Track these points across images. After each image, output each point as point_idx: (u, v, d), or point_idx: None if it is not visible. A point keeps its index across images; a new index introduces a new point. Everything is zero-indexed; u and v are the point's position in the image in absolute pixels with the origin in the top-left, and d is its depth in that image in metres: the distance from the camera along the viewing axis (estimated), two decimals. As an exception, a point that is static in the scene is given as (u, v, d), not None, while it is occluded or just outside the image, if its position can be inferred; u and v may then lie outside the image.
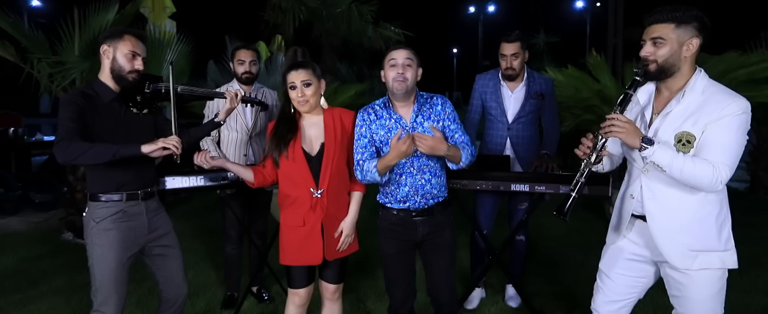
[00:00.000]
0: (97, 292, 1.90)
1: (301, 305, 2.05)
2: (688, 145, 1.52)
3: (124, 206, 1.91)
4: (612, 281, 1.76)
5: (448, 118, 2.00)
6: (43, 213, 5.21)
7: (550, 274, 3.44)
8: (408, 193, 1.97)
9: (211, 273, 3.53)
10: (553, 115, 2.89)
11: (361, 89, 8.20)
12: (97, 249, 1.88)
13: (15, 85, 4.30)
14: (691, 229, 1.58)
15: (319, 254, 1.97)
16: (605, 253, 1.82)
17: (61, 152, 1.75)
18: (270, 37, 8.95)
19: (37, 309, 2.97)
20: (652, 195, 1.62)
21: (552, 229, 4.43)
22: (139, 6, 4.63)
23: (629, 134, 1.51)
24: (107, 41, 1.91)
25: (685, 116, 1.54)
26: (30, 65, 4.02)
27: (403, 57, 1.91)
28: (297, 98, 1.94)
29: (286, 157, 1.94)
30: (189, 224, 4.93)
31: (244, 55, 2.87)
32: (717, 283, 1.61)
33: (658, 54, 1.54)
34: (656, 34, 1.54)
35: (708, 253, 1.57)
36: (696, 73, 1.58)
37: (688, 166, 1.48)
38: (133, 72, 1.91)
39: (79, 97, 1.85)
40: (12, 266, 3.75)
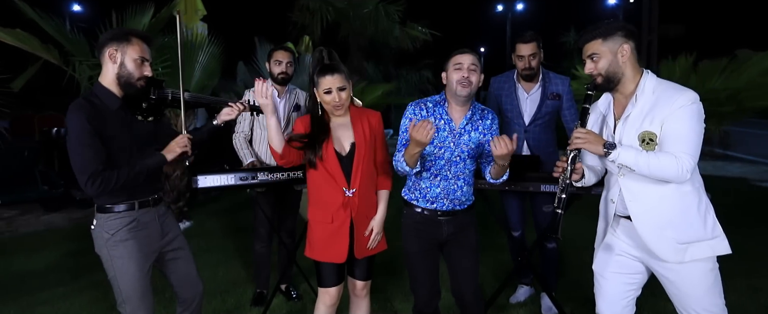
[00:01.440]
0: (124, 304, 1.85)
1: (331, 305, 2.06)
2: (652, 143, 1.61)
3: (137, 214, 1.85)
4: (607, 281, 1.81)
5: (492, 134, 2.02)
6: (83, 210, 5.43)
7: (581, 278, 3.36)
8: (438, 195, 1.99)
9: (241, 271, 3.61)
10: (574, 113, 2.81)
11: (388, 89, 8.21)
12: (117, 262, 1.81)
13: (58, 86, 4.51)
14: (676, 222, 1.63)
15: (344, 252, 1.99)
16: (596, 255, 1.87)
17: (96, 189, 1.67)
18: (298, 37, 9.07)
19: (80, 301, 3.10)
20: (633, 197, 1.68)
21: (583, 232, 4.31)
22: (172, 9, 4.78)
23: (591, 143, 1.63)
24: (113, 43, 1.77)
25: (643, 116, 1.64)
26: (72, 68, 4.20)
27: (470, 61, 1.95)
28: (333, 103, 1.95)
29: (320, 158, 1.96)
30: (219, 222, 5.05)
31: (281, 56, 2.92)
32: (710, 274, 1.65)
33: (599, 67, 1.67)
34: (590, 52, 1.68)
35: (697, 244, 1.62)
36: (644, 76, 1.68)
37: (653, 162, 1.56)
38: (142, 78, 1.81)
39: (89, 109, 1.70)
40: (55, 260, 3.93)
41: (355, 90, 7.80)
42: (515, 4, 25.66)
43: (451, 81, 1.96)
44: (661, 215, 1.64)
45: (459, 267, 2.06)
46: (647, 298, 1.87)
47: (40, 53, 4.18)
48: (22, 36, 4.00)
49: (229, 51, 5.33)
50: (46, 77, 5.20)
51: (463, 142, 1.98)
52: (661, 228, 1.64)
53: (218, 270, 3.62)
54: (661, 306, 2.58)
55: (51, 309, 3.01)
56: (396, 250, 2.17)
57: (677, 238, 1.62)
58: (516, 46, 2.73)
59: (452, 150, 1.98)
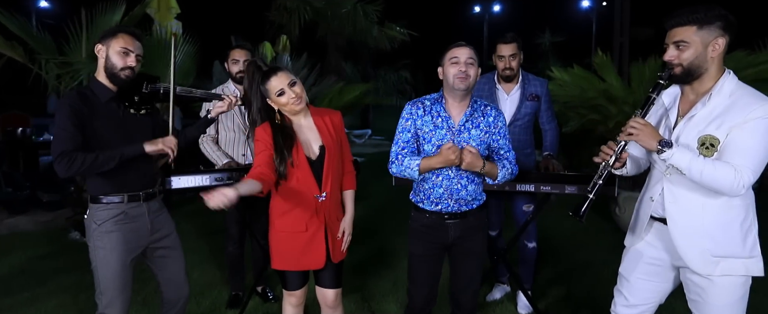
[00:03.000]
0: (102, 295, 1.89)
1: (298, 305, 2.05)
2: (712, 149, 1.49)
3: (126, 208, 1.89)
4: (632, 285, 1.74)
5: (498, 132, 1.96)
6: (50, 212, 5.24)
7: (557, 275, 3.43)
8: (442, 195, 1.94)
9: (216, 273, 3.55)
10: (551, 115, 2.89)
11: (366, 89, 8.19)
12: (99, 252, 1.86)
13: (23, 85, 4.35)
14: (714, 234, 1.54)
15: (322, 258, 1.95)
16: (625, 257, 1.79)
17: (64, 167, 1.72)
18: (275, 37, 8.97)
19: (46, 307, 2.99)
20: (674, 199, 1.59)
21: (558, 230, 4.41)
22: (145, 7, 4.66)
23: (646, 136, 1.50)
24: (102, 41, 1.90)
25: (710, 119, 1.51)
26: (38, 66, 4.05)
27: (467, 55, 1.88)
28: (290, 100, 1.87)
29: (291, 164, 1.89)
30: (194, 224, 4.95)
31: (238, 55, 2.87)
32: (739, 290, 1.56)
33: (683, 57, 1.51)
34: (679, 38, 1.51)
35: (731, 259, 1.53)
36: (724, 75, 1.54)
37: (708, 169, 1.45)
38: (126, 69, 1.88)
39: (75, 99, 1.81)
40: (20, 265, 3.78)
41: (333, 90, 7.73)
42: (492, 6, 25.99)
43: (447, 75, 1.89)
44: (701, 224, 1.55)
45: (461, 272, 2.05)
46: (670, 302, 1.84)
47: (4, 51, 4.02)
48: (-16, 33, 3.85)
49: (205, 50, 5.24)
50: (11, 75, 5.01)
51: (463, 140, 1.91)
52: (697, 236, 1.55)
53: (193, 273, 3.55)
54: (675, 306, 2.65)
55: (16, 315, 2.90)
56: (374, 251, 2.17)
57: (711, 250, 1.53)
58: (497, 47, 2.76)
59: None
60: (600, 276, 3.37)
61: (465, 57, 1.88)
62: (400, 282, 3.27)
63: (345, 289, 3.11)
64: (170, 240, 2.05)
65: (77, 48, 4.10)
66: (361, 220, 4.98)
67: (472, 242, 2.00)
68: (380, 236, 4.21)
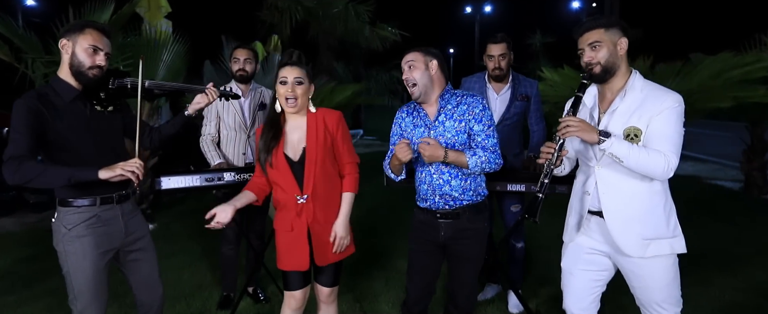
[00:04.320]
0: (76, 300, 1.81)
1: (297, 308, 2.02)
2: (636, 139, 1.66)
3: (98, 211, 1.80)
4: (576, 278, 1.86)
5: (474, 118, 1.93)
6: (37, 214, 5.17)
7: (547, 274, 3.45)
8: (427, 192, 1.99)
9: (207, 274, 3.52)
10: (540, 116, 2.92)
11: (358, 89, 8.19)
12: (71, 258, 1.77)
13: (9, 84, 4.28)
14: (643, 219, 1.70)
15: (305, 260, 1.94)
16: (566, 251, 1.91)
17: (10, 173, 1.61)
18: (267, 36, 8.93)
19: (31, 310, 2.95)
20: (607, 189, 1.73)
21: (547, 229, 4.43)
22: (135, 6, 4.61)
23: (586, 131, 1.64)
24: (66, 35, 1.76)
25: (630, 112, 1.68)
26: (24, 65, 4.00)
27: (405, 61, 1.96)
28: (286, 94, 1.87)
29: (270, 164, 1.91)
30: (184, 224, 4.91)
31: (239, 54, 2.90)
32: (671, 269, 1.73)
33: (599, 56, 1.69)
34: (592, 39, 1.70)
35: (658, 241, 1.70)
36: (633, 74, 1.73)
37: (643, 156, 1.60)
38: (94, 68, 1.76)
39: (33, 100, 1.68)
40: (6, 267, 3.73)
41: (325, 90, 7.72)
42: (483, 6, 26.12)
43: None
44: (631, 209, 1.70)
45: (455, 274, 2.06)
46: (608, 293, 1.93)
47: (-11, 49, 3.96)
48: (-32, 31, 3.79)
49: (195, 50, 5.19)
50: (-4, 74, 4.93)
51: (438, 134, 1.94)
52: (630, 222, 1.70)
53: (183, 274, 3.52)
54: (622, 301, 2.68)
55: (1, 318, 2.86)
56: (366, 251, 2.17)
57: (642, 234, 1.69)
58: (487, 47, 2.78)
59: None
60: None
61: (405, 63, 1.96)
62: (393, 282, 3.27)
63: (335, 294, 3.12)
64: (143, 242, 1.96)
65: (63, 48, 4.04)
66: (353, 221, 4.98)
67: (466, 247, 1.99)
68: (372, 236, 4.21)
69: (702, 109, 4.33)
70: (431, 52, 1.97)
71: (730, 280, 3.27)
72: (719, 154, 8.86)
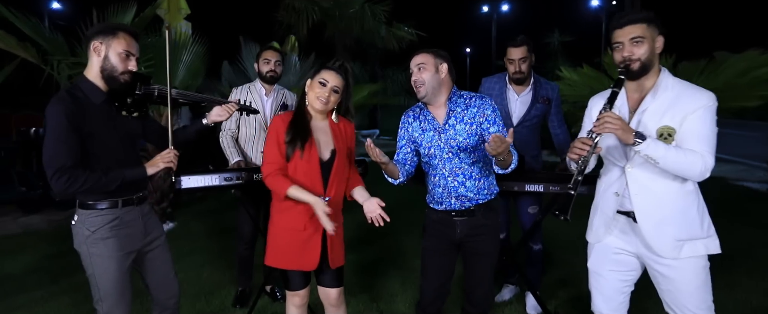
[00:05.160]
0: (102, 301, 1.82)
1: (302, 305, 2.05)
2: (670, 138, 1.61)
3: (120, 213, 1.82)
4: (605, 279, 1.82)
5: (488, 120, 1.93)
6: (62, 211, 5.31)
7: (565, 276, 3.41)
8: (442, 194, 1.98)
9: (226, 273, 3.57)
10: (561, 119, 2.91)
11: (374, 89, 8.21)
12: (96, 260, 1.78)
13: (36, 86, 4.41)
14: (677, 220, 1.65)
15: (315, 261, 1.95)
16: (592, 252, 1.87)
17: (62, 185, 1.61)
18: (283, 37, 9.01)
19: (58, 305, 3.03)
20: (638, 190, 1.68)
21: (566, 231, 4.38)
22: (156, 8, 4.71)
23: (624, 130, 1.57)
24: (99, 37, 1.74)
25: (662, 111, 1.63)
26: (50, 67, 4.11)
27: (415, 63, 1.94)
28: (321, 95, 1.91)
29: (301, 156, 1.89)
30: (203, 223, 4.99)
31: (270, 55, 2.95)
32: (702, 271, 1.68)
33: (640, 52, 1.63)
34: (635, 34, 1.63)
35: (693, 241, 1.65)
36: (663, 71, 1.68)
37: (681, 157, 1.56)
38: (126, 73, 1.77)
39: (69, 103, 1.67)
40: (34, 263, 3.84)
41: (341, 90, 7.60)
42: (500, 5, 25.89)
43: None
44: (664, 211, 1.66)
45: (471, 271, 2.06)
46: (633, 295, 1.90)
47: (17, 52, 4.09)
48: (-2, 34, 3.91)
49: (214, 50, 5.27)
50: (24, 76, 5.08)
51: (449, 138, 1.94)
52: (662, 223, 1.65)
53: (202, 272, 3.58)
54: (646, 304, 2.63)
55: (29, 312, 2.94)
56: (382, 252, 2.17)
57: (676, 235, 1.64)
58: (507, 50, 2.76)
59: (441, 147, 1.95)
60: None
61: (414, 64, 1.95)
62: (409, 282, 3.27)
63: (353, 290, 3.13)
64: (160, 242, 1.99)
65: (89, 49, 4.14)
66: (366, 226, 4.99)
67: (482, 242, 2.00)
68: (388, 236, 4.23)
69: (727, 108, 4.22)
70: (441, 54, 1.96)
71: (759, 283, 3.18)
72: (745, 155, 8.61)
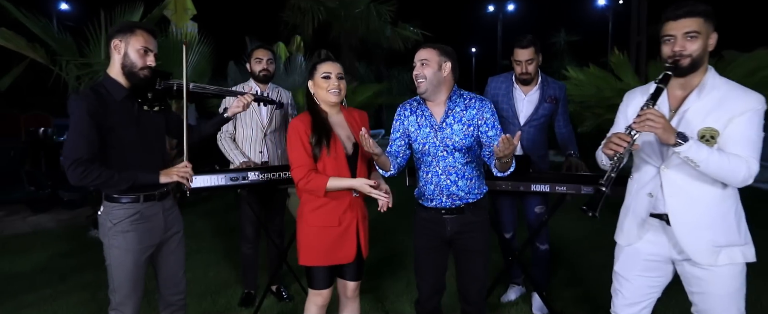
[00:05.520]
0: (115, 292, 1.89)
1: (323, 305, 2.06)
2: (712, 141, 1.52)
3: (142, 207, 1.88)
4: (631, 283, 1.75)
5: (486, 123, 1.94)
6: (70, 210, 5.36)
7: (572, 276, 3.39)
8: (433, 192, 1.99)
9: (232, 272, 3.58)
10: (567, 119, 2.90)
11: (380, 89, 8.20)
12: (114, 251, 1.86)
13: (44, 86, 4.45)
14: (714, 225, 1.57)
15: (352, 252, 1.99)
16: (620, 255, 1.80)
17: (77, 176, 1.70)
18: (289, 37, 9.04)
19: (66, 303, 3.06)
20: (674, 193, 1.60)
21: (574, 230, 4.36)
22: (163, 9, 4.74)
23: (665, 129, 1.47)
24: (118, 35, 1.84)
25: (706, 112, 1.53)
26: (59, 67, 4.15)
27: (419, 58, 1.93)
28: (330, 87, 1.94)
29: (328, 153, 1.91)
30: (209, 223, 5.01)
31: (262, 54, 2.93)
32: (738, 278, 1.61)
33: (693, 48, 1.52)
34: (690, 28, 1.51)
35: (730, 248, 1.57)
36: (710, 70, 1.58)
37: (724, 162, 1.47)
38: (145, 68, 1.85)
39: (91, 99, 1.75)
40: (42, 262, 3.88)
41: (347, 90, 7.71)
42: (506, 5, 25.79)
43: None
44: (700, 215, 1.58)
45: (464, 268, 2.06)
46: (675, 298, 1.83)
47: (26, 52, 4.13)
48: (7, 35, 3.96)
49: (220, 50, 5.30)
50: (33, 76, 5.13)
51: (445, 136, 1.93)
52: (699, 228, 1.57)
53: (208, 271, 3.60)
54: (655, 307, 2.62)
55: (37, 311, 2.97)
56: (388, 251, 2.17)
57: (714, 240, 1.56)
58: (514, 51, 2.74)
59: (436, 144, 1.95)
60: (616, 278, 3.32)
61: (418, 59, 1.93)
62: (415, 282, 3.26)
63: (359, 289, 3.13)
64: (178, 238, 2.05)
65: (96, 49, 4.19)
66: (375, 220, 4.96)
67: (472, 239, 2.01)
68: (394, 236, 4.22)
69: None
70: (447, 51, 1.94)
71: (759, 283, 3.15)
72: (754, 155, 8.53)
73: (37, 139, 6.77)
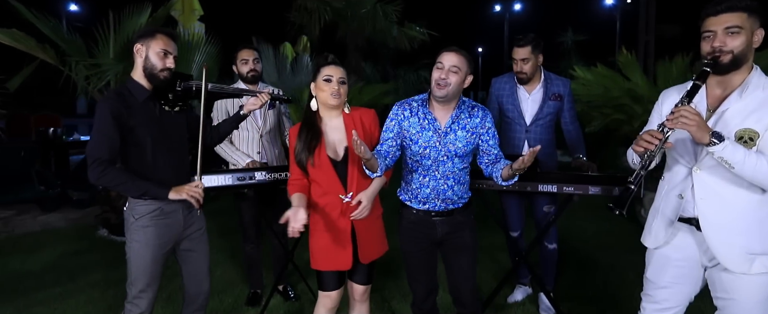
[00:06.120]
0: (132, 285, 1.97)
1: (332, 308, 2.05)
2: (750, 143, 1.45)
3: (162, 204, 1.95)
4: (663, 290, 1.69)
5: (487, 132, 1.97)
6: (80, 210, 5.41)
7: (579, 277, 3.37)
8: (429, 195, 1.98)
9: (239, 271, 3.60)
10: (574, 115, 2.85)
11: (386, 89, 8.21)
12: (134, 245, 1.94)
13: (54, 86, 4.49)
14: (748, 231, 1.50)
15: (349, 259, 1.96)
16: (651, 260, 1.74)
17: (96, 175, 1.81)
18: (295, 37, 9.06)
19: (76, 302, 3.09)
20: (706, 195, 1.53)
21: (581, 231, 4.34)
22: (169, 9, 4.77)
23: (699, 127, 1.41)
24: (140, 40, 1.94)
25: (747, 113, 1.46)
26: (68, 68, 4.18)
27: (450, 63, 1.88)
28: (331, 90, 1.93)
29: (312, 164, 1.94)
30: (216, 222, 5.04)
31: (247, 54, 2.89)
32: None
33: (734, 44, 1.45)
34: (732, 23, 1.44)
35: (765, 256, 1.50)
36: (755, 69, 1.51)
37: (762, 165, 1.41)
38: (165, 70, 1.94)
39: (114, 100, 1.87)
40: (52, 261, 3.92)
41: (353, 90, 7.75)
42: (513, 5, 25.69)
43: (431, 79, 1.92)
44: (734, 220, 1.51)
45: (455, 267, 2.07)
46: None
47: (36, 53, 4.16)
48: (18, 36, 3.99)
49: (227, 51, 5.31)
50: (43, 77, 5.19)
51: (449, 142, 1.93)
52: (731, 233, 1.51)
53: (215, 271, 3.62)
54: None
55: (47, 309, 3.00)
56: (393, 251, 2.17)
57: (748, 247, 1.49)
58: (513, 49, 2.74)
59: (438, 149, 1.94)
60: (624, 277, 3.30)
61: (449, 64, 1.89)
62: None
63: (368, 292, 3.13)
64: (199, 235, 2.10)
65: (105, 50, 4.21)
66: (383, 220, 4.99)
67: (462, 238, 2.03)
68: (400, 236, 4.24)
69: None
70: (471, 62, 1.95)
71: None
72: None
73: (47, 139, 6.84)
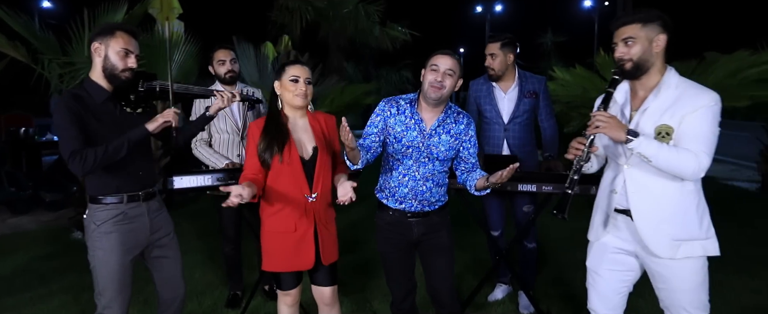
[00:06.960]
0: (100, 295, 1.87)
1: (293, 304, 2.05)
2: (668, 137, 1.61)
3: (125, 208, 1.86)
4: (602, 278, 1.82)
5: (469, 140, 2.01)
6: (53, 212, 5.26)
7: (556, 275, 3.42)
8: (406, 195, 1.98)
9: (218, 273, 3.55)
10: (549, 112, 2.88)
11: (368, 89, 8.19)
12: (98, 253, 1.84)
13: (26, 85, 4.36)
14: (675, 220, 1.65)
15: (311, 259, 1.94)
16: (591, 251, 1.88)
17: (79, 166, 1.70)
18: (277, 37, 8.98)
19: (47, 307, 3.00)
20: (636, 189, 1.69)
21: (559, 230, 4.40)
22: (147, 6, 4.68)
23: (613, 128, 1.60)
24: (98, 38, 1.82)
25: (663, 110, 1.63)
26: (41, 66, 4.07)
27: (446, 66, 1.89)
28: (297, 91, 1.90)
29: (280, 160, 1.89)
30: (195, 224, 4.96)
31: (224, 55, 2.84)
32: (700, 272, 1.68)
33: (632, 52, 1.64)
34: (626, 35, 1.64)
35: (690, 242, 1.65)
36: (668, 71, 1.68)
37: (673, 155, 1.56)
38: (127, 70, 1.83)
39: (70, 100, 1.76)
40: (23, 264, 3.79)
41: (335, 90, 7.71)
42: (494, 6, 25.96)
43: (424, 81, 1.92)
44: (661, 210, 1.65)
45: (433, 267, 2.07)
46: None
47: (7, 51, 4.04)
48: (-14, 33, 3.87)
49: (207, 50, 5.23)
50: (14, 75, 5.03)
51: (432, 144, 1.95)
52: (659, 222, 1.65)
53: (194, 272, 3.56)
54: (637, 304, 2.65)
55: (18, 315, 2.91)
56: (373, 251, 2.17)
57: (673, 235, 1.64)
58: None
59: (421, 151, 1.94)
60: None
61: (445, 67, 1.90)
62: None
63: (347, 289, 3.12)
64: (168, 240, 2.02)
65: (80, 48, 4.11)
66: (362, 220, 4.69)
67: (438, 238, 2.04)
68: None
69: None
70: (462, 68, 1.98)
71: (748, 282, 3.21)
72: (735, 155, 8.70)
73: (18, 139, 6.63)
